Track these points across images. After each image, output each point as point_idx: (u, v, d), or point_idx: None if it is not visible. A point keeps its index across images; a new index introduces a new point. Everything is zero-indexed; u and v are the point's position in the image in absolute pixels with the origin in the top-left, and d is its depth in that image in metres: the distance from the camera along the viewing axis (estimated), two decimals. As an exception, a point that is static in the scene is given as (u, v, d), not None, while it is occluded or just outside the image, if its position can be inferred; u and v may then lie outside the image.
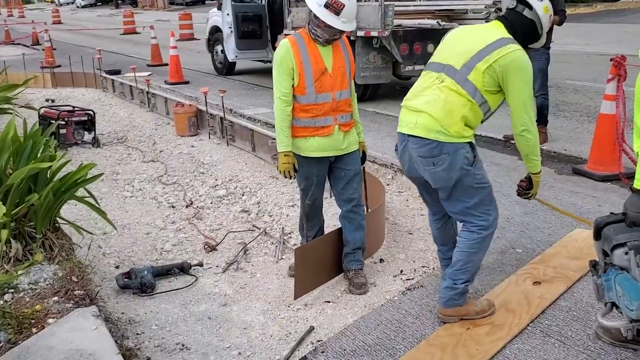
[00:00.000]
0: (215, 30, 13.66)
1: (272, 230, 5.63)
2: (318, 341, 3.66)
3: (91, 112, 9.22)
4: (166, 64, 14.52)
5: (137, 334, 3.90)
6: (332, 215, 5.29)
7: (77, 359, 3.15)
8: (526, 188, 3.74)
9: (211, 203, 6.51)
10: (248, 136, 8.16)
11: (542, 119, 6.79)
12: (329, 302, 4.19)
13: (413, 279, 4.37)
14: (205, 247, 5.30)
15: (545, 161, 6.46)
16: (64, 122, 8.93)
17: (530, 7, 3.35)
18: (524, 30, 3.37)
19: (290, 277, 4.50)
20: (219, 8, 13.14)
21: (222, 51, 13.52)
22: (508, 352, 3.18)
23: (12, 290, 3.84)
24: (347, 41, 4.17)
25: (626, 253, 2.84)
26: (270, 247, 5.26)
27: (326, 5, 3.81)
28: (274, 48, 12.28)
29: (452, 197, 3.46)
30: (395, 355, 3.22)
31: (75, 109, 9.36)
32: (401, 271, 4.55)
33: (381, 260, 4.75)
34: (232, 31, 12.41)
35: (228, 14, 12.48)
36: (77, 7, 59.71)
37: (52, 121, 8.10)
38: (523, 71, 3.26)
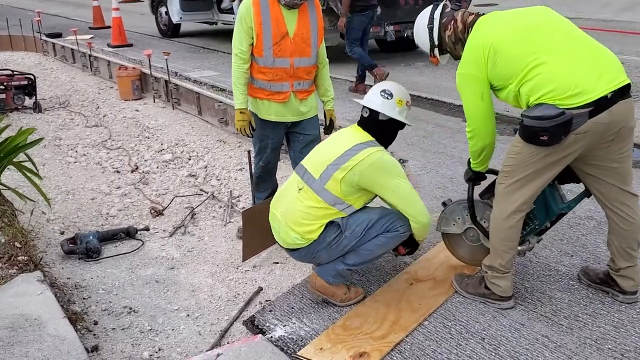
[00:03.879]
0: (159, -8, 13.34)
1: (220, 194, 5.62)
2: (266, 301, 3.71)
3: (32, 77, 8.96)
4: (109, 27, 14.12)
5: (84, 298, 3.88)
6: (282, 178, 5.30)
7: (22, 324, 3.11)
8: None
9: (157, 168, 6.45)
10: (194, 99, 8.06)
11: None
12: (277, 263, 4.23)
13: (359, 238, 4.43)
14: (152, 211, 5.26)
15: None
16: (3, 87, 8.68)
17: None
18: (382, 131, 3.30)
19: (239, 240, 4.52)
20: (162, -32, 12.81)
21: (166, 13, 13.22)
22: (449, 305, 3.29)
23: (-48, 257, 3.76)
24: (318, 8, 4.05)
25: None
26: (218, 211, 5.26)
27: None
28: (220, 9, 12.12)
29: (361, 245, 3.27)
30: (342, 311, 3.29)
31: (15, 73, 9.08)
32: (348, 231, 4.61)
33: (329, 222, 4.80)
34: (176, -8, 12.14)
35: (171, -26, 12.19)
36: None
37: (-11, 85, 7.85)
38: (384, 171, 3.15)
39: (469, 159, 3.35)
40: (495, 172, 3.28)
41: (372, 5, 7.79)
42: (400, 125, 3.37)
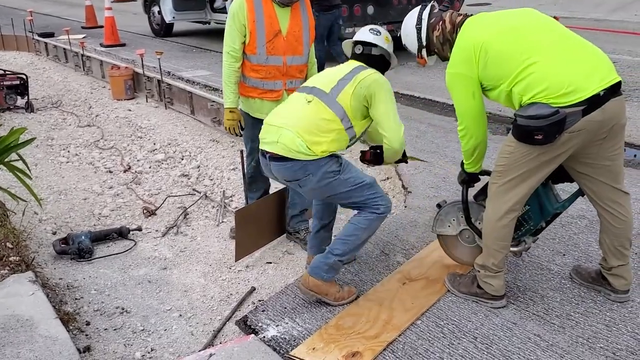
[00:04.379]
0: (152, -9, 13.30)
1: (213, 194, 5.61)
2: (259, 301, 3.71)
3: (24, 76, 8.92)
4: (101, 26, 14.06)
5: (76, 299, 3.87)
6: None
7: (14, 325, 3.10)
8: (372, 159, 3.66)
9: (150, 167, 6.43)
10: (187, 99, 8.05)
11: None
12: (270, 263, 4.23)
13: (352, 238, 4.43)
14: (144, 211, 5.25)
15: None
16: (-6, 87, 8.62)
17: (375, 46, 3.45)
18: (377, 64, 3.46)
19: (232, 240, 4.51)
20: (155, -32, 12.78)
21: (159, 12, 13.19)
22: (442, 304, 3.29)
23: (-57, 258, 3.73)
24: (309, 7, 4.07)
25: None
26: (211, 211, 5.25)
27: None
28: (213, 9, 12.10)
29: (336, 200, 3.48)
30: (334, 311, 3.29)
31: (7, 72, 9.03)
32: (341, 231, 4.61)
33: (321, 221, 4.80)
34: (169, -9, 12.12)
35: (164, -26, 12.16)
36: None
37: (-19, 85, 7.81)
38: (384, 89, 3.31)
39: (462, 161, 3.36)
40: (488, 173, 3.29)
41: (337, 5, 8.07)
42: (387, 65, 3.54)
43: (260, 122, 4.06)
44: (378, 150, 3.58)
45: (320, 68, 6.51)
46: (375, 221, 3.33)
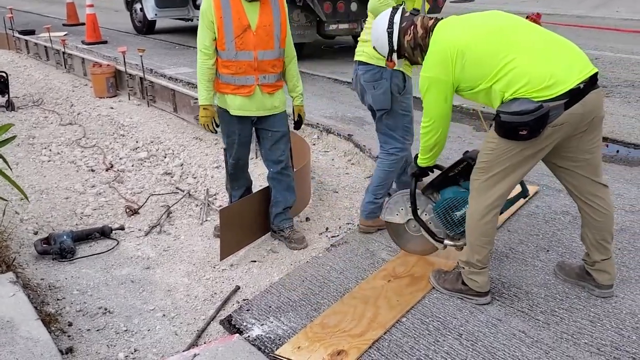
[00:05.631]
0: (134, -12, 13.21)
1: (197, 192, 5.57)
2: (244, 300, 3.68)
3: (4, 74, 8.81)
4: (83, 24, 13.96)
5: (58, 299, 3.82)
6: (258, 176, 5.28)
7: (-6, 327, 3.05)
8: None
9: (132, 166, 6.37)
10: (169, 97, 7.99)
11: None
12: (255, 261, 4.20)
13: (338, 235, 4.43)
14: (127, 210, 5.20)
15: (463, 118, 6.63)
16: (-27, 85, 8.50)
17: None
18: None
19: (216, 239, 4.48)
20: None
21: (141, 9, 13.11)
22: (427, 301, 3.29)
23: None
24: (282, 1, 4.03)
25: None
26: (195, 209, 5.21)
27: None
28: (196, 6, 12.03)
29: (382, 118, 4.10)
30: (320, 309, 3.28)
31: (-14, 70, 8.91)
32: (327, 229, 4.61)
33: (307, 219, 4.79)
34: (150, -12, 12.04)
35: (146, -30, 12.08)
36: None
37: (-40, 83, 7.71)
38: None
39: (416, 154, 3.42)
40: (439, 168, 3.44)
41: None
42: None
43: (234, 117, 4.06)
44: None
45: None
46: (398, 163, 4.16)
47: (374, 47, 3.42)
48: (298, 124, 4.35)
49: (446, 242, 3.49)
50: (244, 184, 4.44)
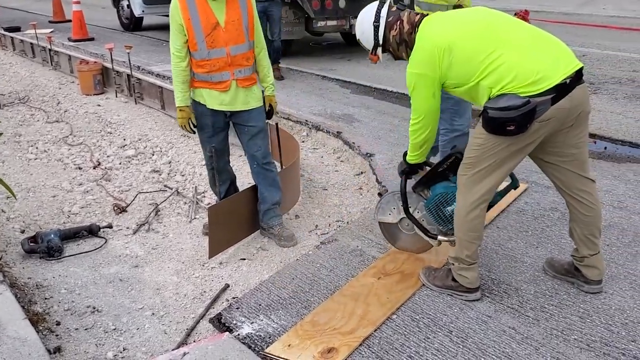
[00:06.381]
0: (121, -15, 13.12)
1: (185, 190, 5.55)
2: (233, 298, 3.67)
3: (-12, 71, 8.72)
4: (69, 20, 13.83)
5: (46, 298, 3.79)
6: (247, 174, 5.25)
7: (-20, 327, 3.02)
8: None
9: (120, 164, 6.33)
10: (157, 94, 7.94)
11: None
12: (244, 259, 4.19)
13: (327, 233, 4.43)
14: (115, 208, 5.16)
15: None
16: (-42, 82, 8.41)
17: None
18: None
19: (205, 236, 4.46)
20: (124, -39, 12.59)
21: (129, 6, 13.02)
22: (417, 298, 3.29)
23: None
24: None
25: None
26: (183, 207, 5.19)
27: None
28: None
29: None
30: (310, 307, 3.27)
31: (-29, 67, 8.83)
32: (316, 226, 4.60)
33: (296, 217, 4.78)
34: (138, -15, 11.96)
35: (133, -33, 12.00)
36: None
37: (-56, 80, 7.62)
38: None
39: (405, 151, 3.42)
40: (429, 164, 3.43)
41: None
42: None
43: (209, 110, 4.05)
44: None
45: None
46: None
47: (358, 40, 3.41)
48: (269, 114, 4.34)
49: (440, 238, 3.49)
50: (227, 178, 4.45)
